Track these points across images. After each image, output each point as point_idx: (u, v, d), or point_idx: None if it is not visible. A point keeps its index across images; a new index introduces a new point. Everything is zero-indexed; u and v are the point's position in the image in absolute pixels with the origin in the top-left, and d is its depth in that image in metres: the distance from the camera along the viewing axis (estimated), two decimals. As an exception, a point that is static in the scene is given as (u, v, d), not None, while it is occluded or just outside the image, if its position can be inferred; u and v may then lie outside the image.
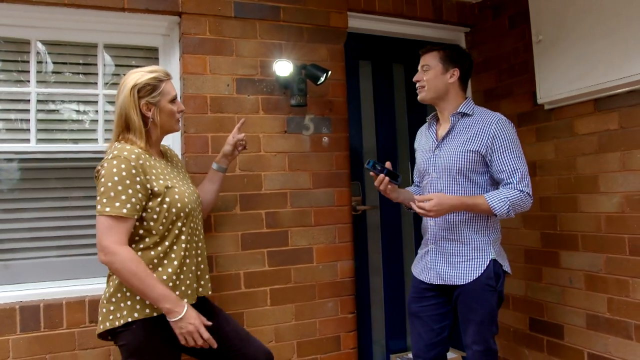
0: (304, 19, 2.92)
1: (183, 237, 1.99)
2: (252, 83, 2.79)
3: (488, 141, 2.26)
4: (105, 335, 1.96)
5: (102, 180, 1.87)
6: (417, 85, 2.45)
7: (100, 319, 1.95)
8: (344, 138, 3.01)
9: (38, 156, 2.54)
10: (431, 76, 2.39)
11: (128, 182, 1.85)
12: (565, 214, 2.86)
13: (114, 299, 1.92)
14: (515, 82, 3.18)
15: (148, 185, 1.90)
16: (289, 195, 2.83)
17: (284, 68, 2.77)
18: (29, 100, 2.55)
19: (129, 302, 1.89)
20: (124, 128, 2.00)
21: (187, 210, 1.99)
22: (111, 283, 1.96)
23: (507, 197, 2.20)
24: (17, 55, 2.56)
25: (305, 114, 2.90)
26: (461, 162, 2.30)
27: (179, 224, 1.97)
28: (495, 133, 2.26)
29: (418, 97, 2.46)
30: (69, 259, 2.56)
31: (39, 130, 2.56)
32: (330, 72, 2.79)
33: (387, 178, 2.25)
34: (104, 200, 1.83)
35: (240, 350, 2.16)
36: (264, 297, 2.75)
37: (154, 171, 1.96)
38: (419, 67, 2.45)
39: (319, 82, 2.77)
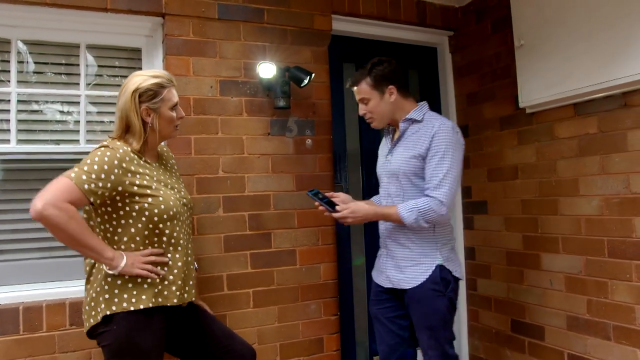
0: (287, 21, 2.92)
1: (165, 239, 1.98)
2: (236, 85, 2.79)
3: (428, 145, 2.28)
4: (90, 333, 1.96)
5: (84, 158, 1.88)
6: (365, 117, 2.44)
7: (85, 317, 1.95)
8: (328, 140, 3.02)
9: (19, 157, 2.51)
10: (373, 106, 2.39)
11: (106, 167, 1.84)
12: (546, 217, 2.89)
13: (94, 294, 1.92)
14: (498, 85, 3.22)
15: (120, 188, 1.88)
16: (272, 198, 2.84)
17: (267, 70, 2.77)
18: (9, 101, 2.52)
19: (107, 296, 1.89)
20: (124, 130, 2.00)
21: (170, 213, 1.98)
22: (92, 279, 1.95)
23: (414, 207, 2.22)
24: (-2, 54, 2.53)
25: (289, 116, 2.90)
26: (405, 167, 2.34)
27: (161, 225, 1.96)
28: (434, 138, 2.26)
29: (372, 126, 2.47)
30: (50, 261, 2.54)
31: (19, 130, 2.53)
32: (313, 75, 2.80)
33: (321, 207, 2.32)
34: (75, 169, 1.83)
35: (227, 347, 2.19)
36: (246, 299, 2.75)
37: (140, 170, 1.95)
38: (357, 100, 2.44)
39: (302, 85, 2.78)
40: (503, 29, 3.14)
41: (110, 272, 1.88)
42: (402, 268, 2.36)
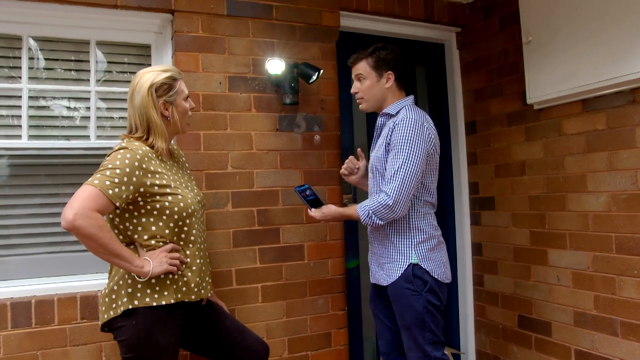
0: (296, 17, 2.93)
1: (183, 236, 2.02)
2: (245, 81, 2.80)
3: (389, 140, 2.28)
4: (107, 327, 1.98)
5: (104, 162, 1.89)
6: (356, 97, 2.45)
7: (103, 308, 1.96)
8: (336, 136, 3.03)
9: (30, 152, 2.53)
10: (367, 85, 2.40)
11: (128, 170, 1.86)
12: (553, 213, 2.90)
13: (115, 287, 1.93)
14: (505, 82, 3.21)
15: (142, 189, 1.90)
16: (281, 193, 2.85)
17: (276, 66, 2.78)
18: (20, 97, 2.54)
19: (129, 290, 1.91)
20: (146, 130, 2.01)
21: (189, 211, 2.01)
22: (113, 273, 1.97)
23: (367, 205, 2.24)
24: (9, 51, 2.54)
25: (297, 112, 2.92)
26: (377, 162, 2.36)
27: (180, 223, 1.99)
28: (393, 132, 2.26)
29: (360, 108, 2.48)
30: (61, 256, 2.56)
31: (30, 126, 2.55)
32: (322, 71, 2.81)
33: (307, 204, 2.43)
34: (97, 175, 1.84)
35: (240, 343, 2.21)
36: (255, 294, 2.77)
37: (159, 170, 1.97)
38: (353, 77, 2.46)
39: (311, 81, 2.79)
40: (511, 25, 3.14)
41: (140, 279, 1.89)
42: (382, 264, 2.37)
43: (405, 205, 2.21)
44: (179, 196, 1.98)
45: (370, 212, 2.22)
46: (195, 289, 2.03)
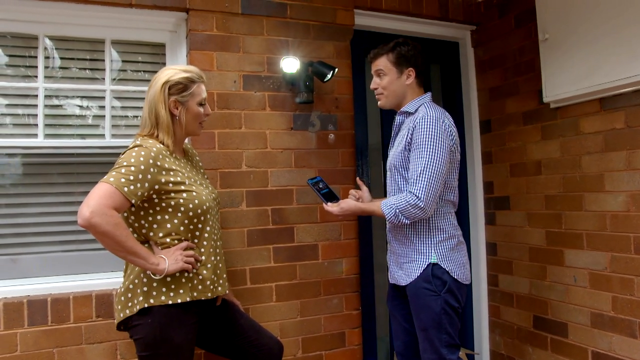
0: (310, 16, 2.92)
1: (198, 234, 2.02)
2: (259, 80, 2.80)
3: (410, 138, 2.25)
4: (122, 325, 1.98)
5: (119, 160, 1.90)
6: (376, 92, 2.43)
7: (119, 307, 1.97)
8: (350, 135, 3.02)
9: (45, 151, 2.55)
10: (387, 82, 2.37)
11: (143, 167, 1.86)
12: (570, 213, 2.87)
13: (131, 286, 1.94)
14: (521, 80, 3.18)
15: (156, 187, 1.90)
16: (295, 192, 2.85)
17: (291, 65, 2.77)
18: (36, 96, 2.55)
19: (145, 288, 1.91)
20: (154, 125, 2.01)
21: (204, 208, 2.01)
22: (129, 271, 1.98)
23: (394, 204, 2.20)
24: (25, 50, 2.56)
25: (312, 111, 2.91)
26: (396, 161, 2.33)
27: (195, 220, 1.99)
28: (414, 131, 2.23)
29: (378, 104, 2.46)
30: (76, 254, 2.57)
31: (46, 125, 2.57)
32: (337, 70, 2.80)
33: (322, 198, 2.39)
34: (113, 173, 1.84)
35: (255, 342, 2.21)
36: (269, 293, 2.76)
37: (173, 167, 1.97)
38: (373, 72, 2.43)
39: (325, 79, 2.78)
40: (527, 22, 3.11)
41: (156, 277, 1.89)
42: (401, 264, 2.35)
43: (434, 204, 2.19)
44: (194, 193, 1.97)
45: (398, 211, 2.18)
46: (211, 287, 2.04)
